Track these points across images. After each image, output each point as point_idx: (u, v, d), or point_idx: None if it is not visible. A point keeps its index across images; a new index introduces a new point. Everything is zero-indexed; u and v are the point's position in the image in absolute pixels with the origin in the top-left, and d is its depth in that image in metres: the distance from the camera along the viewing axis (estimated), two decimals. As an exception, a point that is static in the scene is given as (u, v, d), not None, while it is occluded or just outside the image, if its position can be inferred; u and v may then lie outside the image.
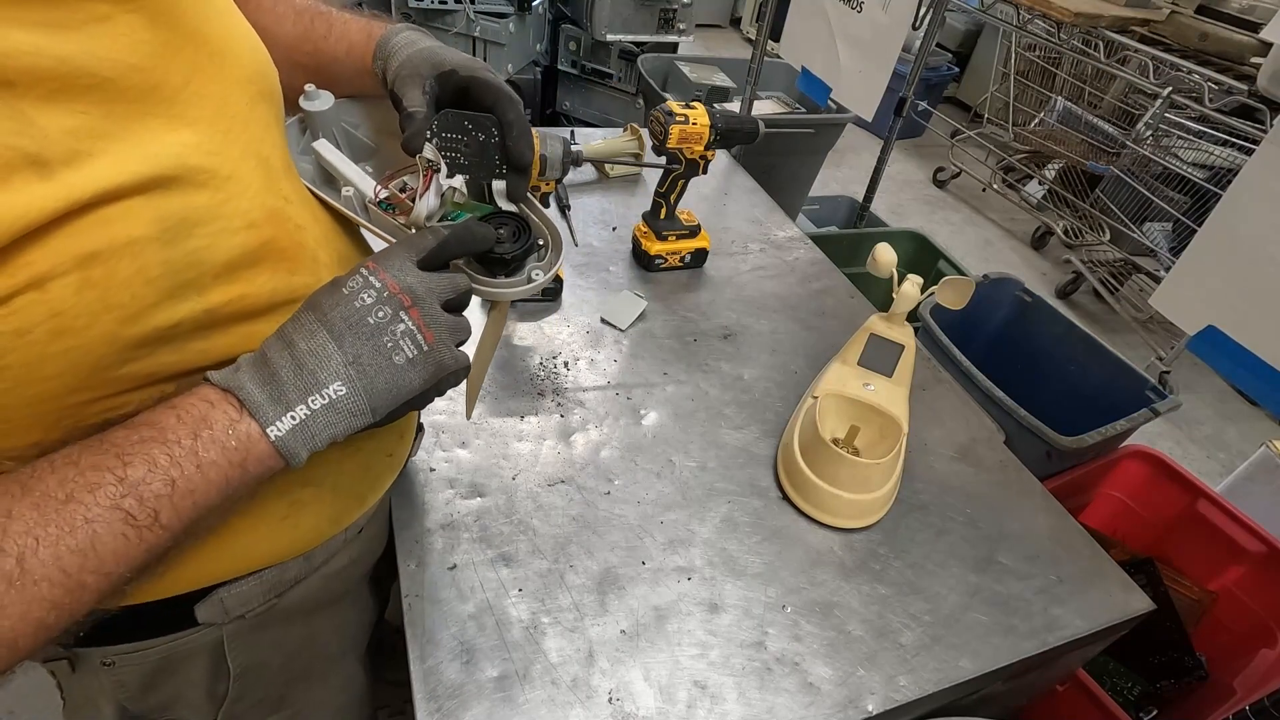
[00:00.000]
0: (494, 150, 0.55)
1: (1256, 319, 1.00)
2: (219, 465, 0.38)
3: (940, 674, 0.65)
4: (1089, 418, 1.29)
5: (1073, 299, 2.90)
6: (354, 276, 0.43)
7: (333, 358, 0.41)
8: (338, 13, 0.61)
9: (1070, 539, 0.81)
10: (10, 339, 0.33)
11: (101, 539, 0.35)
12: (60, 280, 0.33)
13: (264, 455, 0.40)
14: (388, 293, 0.42)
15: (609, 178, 1.29)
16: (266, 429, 0.39)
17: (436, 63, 0.56)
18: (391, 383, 0.43)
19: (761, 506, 0.77)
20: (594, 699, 0.59)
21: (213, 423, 0.38)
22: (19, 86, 0.32)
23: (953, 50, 4.06)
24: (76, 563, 0.34)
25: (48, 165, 0.33)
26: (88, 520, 0.34)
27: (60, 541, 0.34)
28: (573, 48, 2.82)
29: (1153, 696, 1.18)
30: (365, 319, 0.41)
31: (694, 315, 1.02)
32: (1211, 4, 2.68)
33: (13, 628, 0.33)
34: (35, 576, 0.33)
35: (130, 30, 0.37)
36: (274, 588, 0.55)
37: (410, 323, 0.43)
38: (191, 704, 0.59)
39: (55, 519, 0.34)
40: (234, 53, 0.45)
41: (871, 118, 1.68)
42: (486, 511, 0.71)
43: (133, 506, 0.35)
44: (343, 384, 0.41)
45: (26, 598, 0.33)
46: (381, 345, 0.42)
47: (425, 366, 0.44)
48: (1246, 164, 1.01)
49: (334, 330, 0.41)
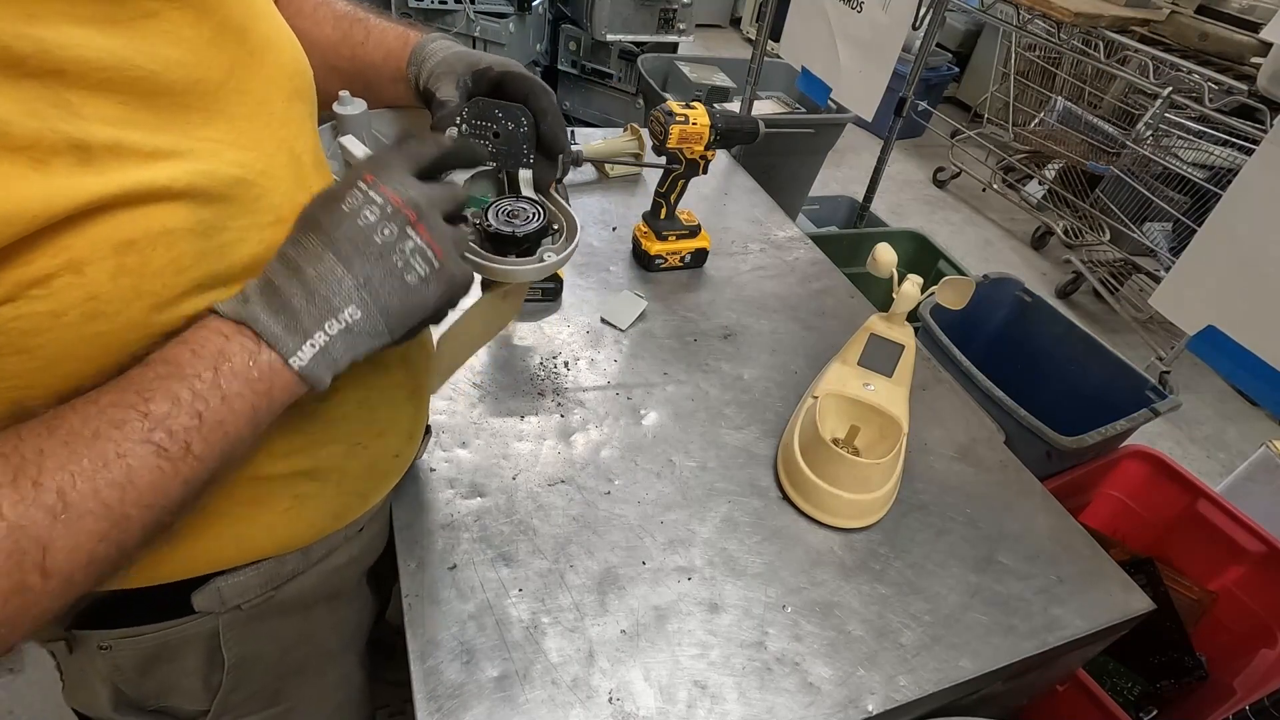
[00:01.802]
0: (522, 139, 0.55)
1: (1256, 319, 1.00)
2: (244, 396, 0.38)
3: (940, 674, 0.65)
4: (1089, 418, 1.29)
5: (1073, 299, 2.90)
6: (352, 191, 0.41)
7: (343, 281, 0.40)
8: (375, 19, 0.62)
9: (1070, 539, 0.81)
10: (46, 319, 0.33)
11: (137, 472, 0.34)
12: (97, 265, 0.34)
13: (289, 383, 0.39)
14: (391, 208, 0.41)
15: (609, 178, 1.29)
16: (289, 360, 0.39)
17: (471, 61, 0.57)
18: (406, 302, 0.42)
19: (761, 506, 0.77)
20: (594, 699, 0.59)
21: (231, 355, 0.37)
22: (68, 76, 0.33)
23: (953, 50, 4.06)
24: (116, 495, 0.34)
25: (89, 151, 0.33)
26: (120, 454, 0.34)
27: (97, 475, 0.33)
28: (573, 48, 2.83)
29: (1153, 696, 1.18)
30: (371, 238, 0.40)
31: (694, 315, 1.02)
32: (1211, 4, 2.68)
33: (66, 560, 0.33)
34: (79, 510, 0.33)
35: (176, 26, 0.38)
36: (271, 580, 0.56)
37: (419, 239, 0.42)
38: (187, 692, 0.59)
39: (87, 453, 0.33)
40: (274, 50, 0.45)
41: (871, 118, 1.68)
42: (487, 511, 0.71)
43: (163, 439, 0.35)
44: (357, 307, 0.40)
45: (73, 530, 0.33)
46: (392, 265, 0.41)
47: (439, 283, 0.43)
48: (1246, 164, 1.01)
49: (340, 252, 0.40)
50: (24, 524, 0.31)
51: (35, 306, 0.33)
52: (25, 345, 0.34)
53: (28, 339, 0.34)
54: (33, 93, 0.32)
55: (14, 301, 0.32)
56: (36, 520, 0.32)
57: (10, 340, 0.33)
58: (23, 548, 0.31)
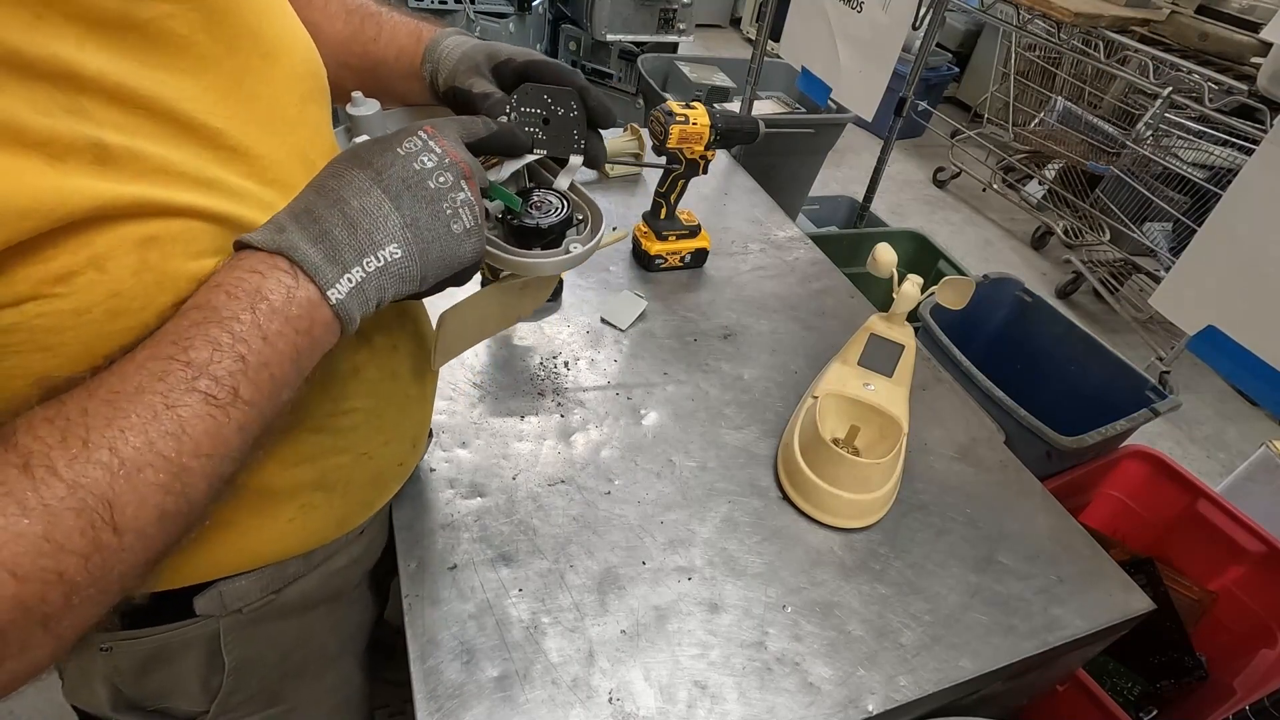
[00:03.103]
0: (574, 124, 0.53)
1: (1256, 319, 1.00)
2: (285, 335, 0.36)
3: (940, 674, 0.65)
4: (1089, 418, 1.29)
5: (1073, 299, 2.90)
6: (411, 138, 0.40)
7: (389, 218, 0.39)
8: (387, 14, 0.61)
9: (1070, 539, 0.81)
10: (70, 317, 0.33)
11: (188, 421, 0.33)
12: (119, 261, 0.34)
13: (327, 320, 0.38)
14: (448, 160, 0.41)
15: (609, 178, 1.29)
16: (326, 291, 0.37)
17: (491, 53, 0.56)
18: (446, 250, 0.41)
19: (762, 506, 0.77)
20: (594, 699, 0.59)
21: (268, 293, 0.36)
22: (81, 80, 0.32)
23: (953, 50, 4.05)
24: (172, 446, 0.33)
25: (106, 150, 0.33)
26: (168, 405, 0.33)
27: (148, 428, 0.32)
28: (573, 48, 2.83)
29: (1153, 696, 1.18)
30: (425, 182, 0.40)
31: (694, 315, 1.02)
32: (1211, 4, 2.68)
33: (134, 516, 0.32)
34: (136, 464, 0.32)
35: (188, 31, 0.37)
36: (272, 583, 0.56)
37: (469, 193, 0.41)
38: (186, 694, 0.59)
39: (133, 409, 0.32)
40: (287, 52, 0.45)
41: (871, 118, 1.68)
42: (487, 511, 0.71)
43: (209, 386, 0.34)
44: (398, 246, 0.39)
45: (135, 486, 0.32)
46: (440, 211, 0.40)
47: (479, 239, 0.42)
48: (1246, 164, 1.01)
49: (390, 189, 0.39)
50: (83, 481, 0.31)
51: (59, 305, 0.33)
52: (48, 343, 0.33)
53: (51, 337, 0.33)
54: (45, 94, 0.31)
55: (37, 299, 0.32)
56: (95, 477, 0.31)
57: (33, 338, 0.33)
58: (89, 505, 0.31)
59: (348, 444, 0.53)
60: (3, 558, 0.28)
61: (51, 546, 0.30)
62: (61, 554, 0.30)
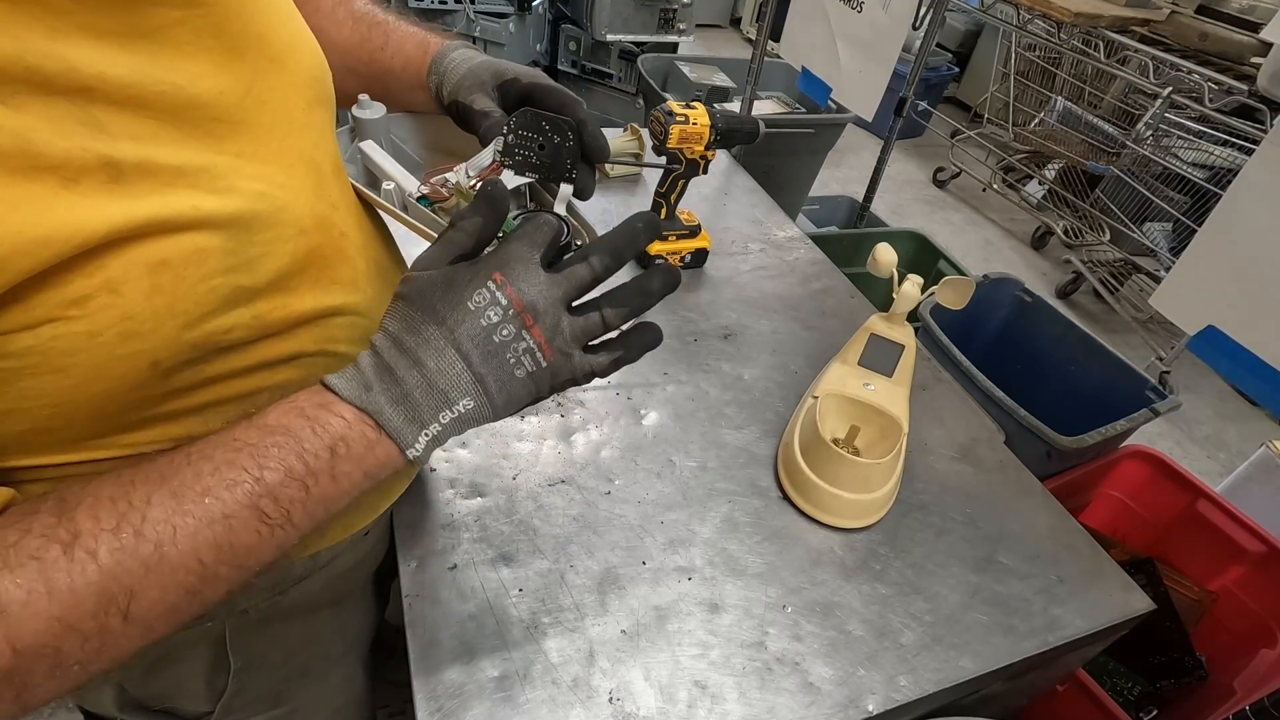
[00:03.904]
0: (567, 153, 0.55)
1: (1256, 319, 1.00)
2: (353, 476, 0.39)
3: (940, 674, 0.65)
4: (1089, 418, 1.29)
5: (1073, 299, 2.90)
6: (480, 290, 0.42)
7: (462, 377, 0.41)
8: (395, 22, 0.62)
9: (1070, 539, 0.81)
10: (83, 339, 0.34)
11: (237, 534, 0.35)
12: (132, 284, 0.34)
13: (399, 466, 0.41)
14: (513, 310, 0.42)
15: (609, 178, 1.29)
16: (405, 450, 0.40)
17: (498, 71, 0.57)
18: (512, 395, 0.43)
19: (762, 506, 0.77)
20: (594, 699, 0.59)
21: (351, 442, 0.38)
22: (95, 93, 0.33)
23: (953, 50, 4.05)
24: (213, 555, 0.35)
25: (119, 168, 0.33)
26: (225, 515, 0.35)
27: (199, 534, 0.34)
28: (573, 48, 2.83)
29: (1153, 696, 1.18)
30: (491, 337, 0.41)
31: (694, 315, 1.02)
32: (1211, 4, 2.68)
33: (149, 609, 0.34)
34: (173, 564, 0.34)
35: (198, 36, 0.38)
36: (277, 584, 0.56)
37: (531, 340, 0.42)
38: (191, 694, 0.59)
39: (194, 511, 0.34)
40: (294, 57, 0.45)
41: (871, 118, 1.68)
42: (487, 511, 0.71)
43: (269, 507, 0.36)
44: (470, 399, 0.41)
45: (164, 584, 0.34)
46: (505, 362, 0.42)
47: (541, 380, 0.43)
48: (1246, 164, 1.01)
49: (462, 349, 0.41)
50: (118, 573, 0.32)
51: (73, 327, 0.33)
52: (61, 365, 0.34)
53: (64, 359, 0.34)
54: (62, 110, 0.32)
55: (53, 322, 0.33)
56: (131, 570, 0.32)
57: (48, 360, 0.33)
58: (112, 593, 0.32)
59: None
60: (10, 634, 0.30)
61: (60, 627, 0.31)
62: (67, 633, 0.31)
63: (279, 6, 0.45)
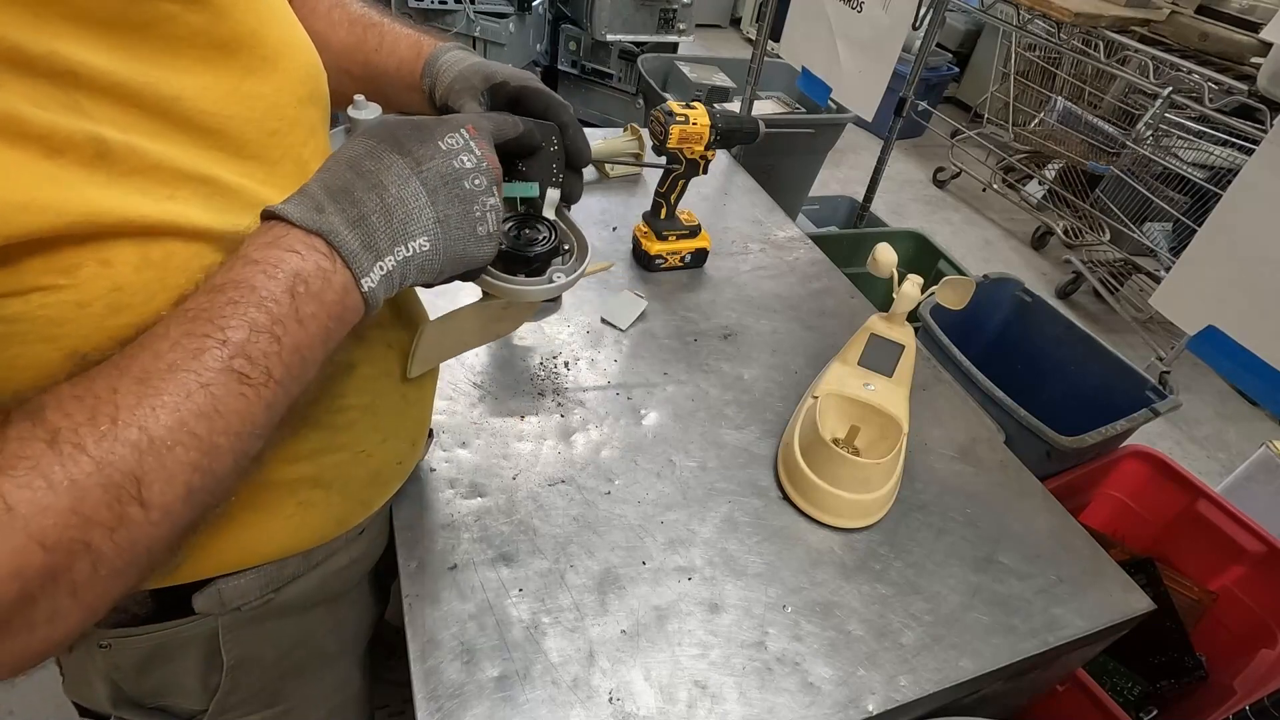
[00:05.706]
0: (553, 158, 0.55)
1: (1256, 319, 1.00)
2: (319, 318, 0.37)
3: (940, 674, 0.65)
4: (1089, 418, 1.29)
5: (1073, 299, 2.90)
6: (453, 134, 0.41)
7: (424, 212, 0.39)
8: (389, 24, 0.62)
9: (1070, 539, 0.81)
10: (72, 309, 0.34)
11: (222, 400, 0.34)
12: (122, 256, 0.34)
13: (355, 305, 0.39)
14: (485, 164, 0.41)
15: (609, 178, 1.29)
16: (360, 279, 0.38)
17: (488, 75, 0.57)
18: (468, 250, 0.42)
19: (762, 506, 0.77)
20: (594, 699, 0.59)
21: (308, 278, 0.36)
22: (80, 79, 0.33)
23: (953, 50, 4.05)
24: (205, 426, 0.33)
25: (105, 144, 0.33)
26: (202, 385, 0.33)
27: (180, 408, 0.33)
28: (573, 48, 2.83)
29: (1153, 696, 1.18)
30: (461, 182, 0.40)
31: (694, 315, 1.02)
32: (1211, 4, 2.67)
33: (162, 493, 0.33)
34: (166, 443, 0.32)
35: (190, 33, 0.38)
36: (272, 582, 0.56)
37: (496, 199, 0.42)
38: (185, 692, 0.59)
39: (166, 388, 0.33)
40: (288, 54, 0.45)
41: (871, 118, 1.68)
42: (487, 511, 0.71)
43: (244, 366, 0.34)
44: (428, 239, 0.40)
45: (165, 465, 0.32)
46: (470, 212, 0.41)
47: (496, 243, 0.43)
48: (1246, 164, 1.01)
49: (428, 183, 0.39)
50: (110, 459, 0.31)
51: (62, 296, 0.33)
52: (50, 334, 0.34)
53: (53, 328, 0.34)
54: (44, 91, 0.32)
55: (42, 290, 0.33)
56: (123, 454, 0.31)
57: (36, 328, 0.33)
58: (116, 481, 0.31)
59: (345, 441, 0.53)
60: (31, 530, 0.29)
61: (79, 519, 0.30)
62: (89, 526, 0.31)
63: (273, 5, 0.45)
